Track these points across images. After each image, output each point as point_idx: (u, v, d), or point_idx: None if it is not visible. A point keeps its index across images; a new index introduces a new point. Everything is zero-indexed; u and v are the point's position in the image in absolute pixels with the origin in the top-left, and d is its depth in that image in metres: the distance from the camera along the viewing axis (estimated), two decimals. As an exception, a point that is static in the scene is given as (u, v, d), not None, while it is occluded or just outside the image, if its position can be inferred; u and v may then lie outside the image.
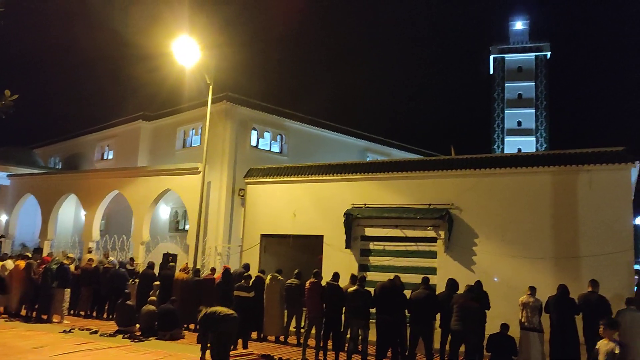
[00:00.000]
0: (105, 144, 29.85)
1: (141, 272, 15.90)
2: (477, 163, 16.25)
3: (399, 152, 29.99)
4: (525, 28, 79.31)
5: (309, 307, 11.42)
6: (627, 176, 14.32)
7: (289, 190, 19.02)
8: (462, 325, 9.93)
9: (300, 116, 25.23)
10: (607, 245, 13.75)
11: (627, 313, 9.76)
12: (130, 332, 12.70)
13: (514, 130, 75.55)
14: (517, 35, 78.98)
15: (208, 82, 18.02)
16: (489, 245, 15.23)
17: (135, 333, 12.66)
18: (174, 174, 22.01)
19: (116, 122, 28.78)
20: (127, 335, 12.44)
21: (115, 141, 28.81)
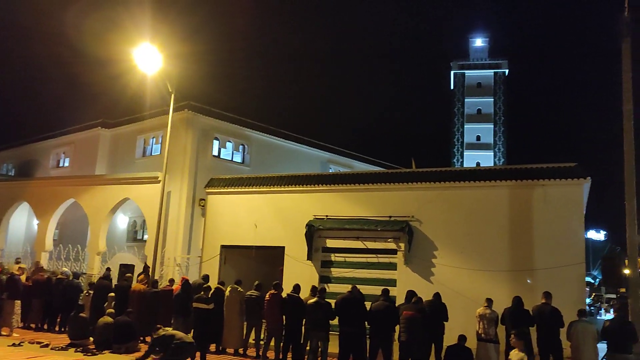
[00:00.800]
0: (61, 150, 29.01)
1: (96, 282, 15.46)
2: (438, 176, 16.53)
3: (361, 165, 30.23)
4: (484, 45, 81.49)
5: (269, 318, 11.35)
6: (580, 191, 14.82)
7: (251, 201, 18.90)
8: (407, 336, 10.02)
9: (263, 126, 25.17)
10: (560, 258, 14.16)
11: (579, 324, 10.06)
12: (83, 345, 12.30)
13: (473, 145, 77.25)
14: (477, 52, 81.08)
15: (170, 90, 17.80)
16: (448, 257, 15.47)
17: (88, 347, 12.28)
18: (133, 182, 21.57)
19: (74, 129, 28.04)
20: (80, 349, 12.05)
21: (72, 148, 28.03)
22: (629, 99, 12.39)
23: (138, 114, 24.62)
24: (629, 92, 12.42)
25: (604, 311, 32.40)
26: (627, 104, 12.38)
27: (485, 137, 77.24)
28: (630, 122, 12.27)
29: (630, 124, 12.26)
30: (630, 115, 12.31)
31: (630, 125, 12.26)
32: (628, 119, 12.29)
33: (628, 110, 12.36)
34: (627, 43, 12.42)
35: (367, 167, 29.97)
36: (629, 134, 12.29)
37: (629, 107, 12.36)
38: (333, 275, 16.90)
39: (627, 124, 12.27)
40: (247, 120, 24.58)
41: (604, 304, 35.07)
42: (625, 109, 12.38)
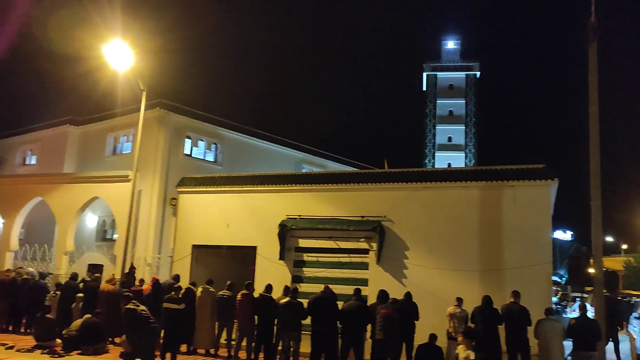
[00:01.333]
0: (27, 148, 28.28)
1: (63, 283, 15.14)
2: (410, 177, 16.68)
3: (335, 165, 30.28)
4: (456, 47, 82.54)
5: (240, 319, 11.29)
6: (547, 192, 15.14)
7: (223, 200, 18.77)
8: (384, 335, 10.10)
9: (236, 125, 24.99)
10: (528, 258, 14.44)
11: (546, 322, 10.27)
12: (49, 347, 12.03)
13: (444, 146, 78.17)
14: (449, 54, 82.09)
15: (142, 87, 17.54)
16: (419, 257, 15.62)
17: (55, 348, 12.01)
18: (103, 181, 21.19)
19: (41, 126, 27.35)
20: (46, 351, 11.78)
21: (39, 145, 27.36)
22: (594, 102, 12.68)
23: (109, 111, 24.20)
24: (594, 94, 12.70)
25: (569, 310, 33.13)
26: (593, 106, 12.66)
27: (457, 139, 78.24)
28: (595, 123, 12.56)
29: (595, 126, 12.55)
30: (595, 117, 12.60)
31: (595, 127, 12.55)
32: (594, 121, 12.58)
33: (593, 112, 12.64)
34: (593, 47, 12.70)
35: (341, 167, 30.04)
36: (594, 135, 12.57)
37: (594, 109, 12.64)
38: (305, 275, 16.90)
39: (593, 125, 12.55)
40: (219, 119, 24.38)
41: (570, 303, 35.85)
42: (591, 111, 12.66)
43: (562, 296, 40.42)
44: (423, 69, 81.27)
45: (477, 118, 78.92)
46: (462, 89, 79.28)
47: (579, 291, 37.37)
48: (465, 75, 79.64)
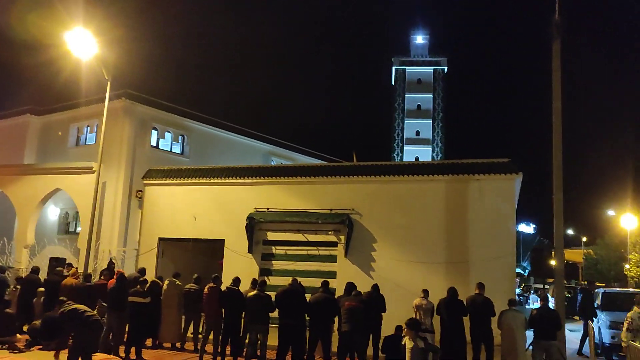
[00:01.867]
0: (-15, 138, 27.36)
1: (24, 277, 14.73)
2: (378, 170, 16.78)
3: (303, 157, 30.26)
4: (425, 42, 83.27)
5: (207, 312, 11.18)
6: (512, 186, 15.44)
7: (190, 193, 18.54)
8: (349, 326, 10.16)
9: (204, 117, 24.70)
10: (493, 251, 14.72)
11: (509, 313, 10.49)
12: (9, 342, 11.69)
13: (412, 140, 78.94)
14: (418, 49, 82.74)
15: (106, 77, 17.15)
16: (387, 249, 15.76)
17: (15, 343, 11.69)
18: (66, 172, 20.69)
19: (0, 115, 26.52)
20: (5, 346, 11.45)
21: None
22: (557, 97, 12.96)
23: (72, 101, 23.59)
24: (558, 90, 12.98)
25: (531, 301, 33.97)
26: (556, 101, 12.94)
27: (425, 133, 79.08)
28: (558, 119, 12.84)
29: (558, 121, 12.83)
30: (558, 112, 12.88)
31: (558, 122, 12.83)
32: (557, 116, 12.86)
33: (557, 107, 12.92)
34: (557, 44, 12.97)
35: (309, 160, 30.04)
36: (557, 130, 12.85)
37: (557, 104, 12.92)
38: (274, 267, 16.87)
39: (556, 120, 12.83)
40: (187, 110, 24.06)
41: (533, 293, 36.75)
42: (555, 107, 12.93)
43: (525, 288, 41.47)
44: (392, 63, 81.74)
45: (444, 112, 79.92)
46: (430, 83, 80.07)
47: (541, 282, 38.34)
48: (433, 70, 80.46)
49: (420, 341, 6.57)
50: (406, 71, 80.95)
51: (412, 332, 6.82)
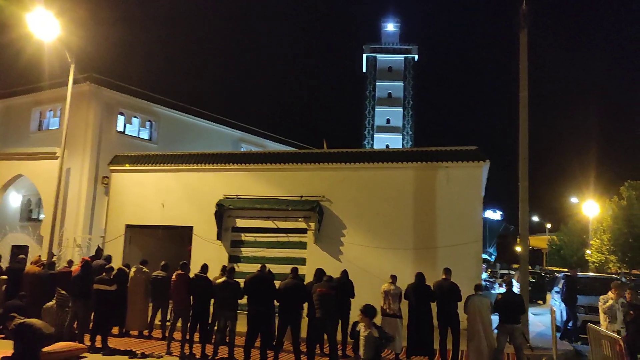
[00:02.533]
0: (-57, 122, 26.36)
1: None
2: (348, 157, 16.81)
3: (274, 144, 30.09)
4: (396, 30, 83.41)
5: (175, 299, 11.07)
6: (479, 173, 15.68)
7: (158, 180, 18.27)
8: (321, 313, 10.21)
9: (172, 102, 24.28)
10: (460, 237, 14.96)
11: (475, 297, 10.67)
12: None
13: (383, 128, 79.29)
14: (389, 37, 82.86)
15: (69, 60, 16.68)
16: (356, 236, 15.85)
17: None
18: (27, 158, 20.12)
19: (-42, 98, 25.54)
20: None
21: (-43, 120, 25.56)
22: (524, 87, 13.17)
23: (34, 84, 22.85)
24: (524, 80, 13.20)
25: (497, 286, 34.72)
26: (523, 90, 13.16)
27: (395, 121, 79.50)
28: (525, 107, 13.06)
29: (525, 110, 13.06)
30: (525, 101, 13.10)
31: (525, 111, 13.05)
32: (523, 105, 13.08)
33: (523, 96, 13.14)
34: (524, 34, 13.15)
35: (280, 146, 29.91)
36: (523, 119, 13.08)
37: (524, 93, 13.14)
38: (243, 254, 16.80)
39: (523, 109, 13.06)
40: (155, 95, 23.59)
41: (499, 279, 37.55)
42: (521, 96, 13.15)
43: (491, 273, 42.31)
44: (363, 50, 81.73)
45: (414, 101, 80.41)
46: (400, 71, 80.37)
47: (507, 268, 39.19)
48: (404, 58, 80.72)
49: (375, 330, 6.31)
50: (377, 59, 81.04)
51: (366, 319, 6.54)
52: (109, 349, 10.56)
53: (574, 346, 13.43)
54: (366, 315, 6.43)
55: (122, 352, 10.50)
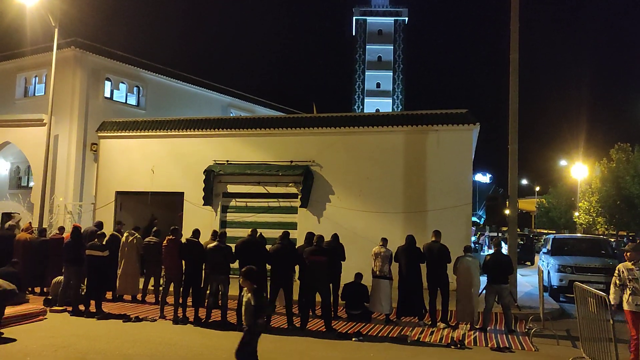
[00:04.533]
0: None
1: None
2: (338, 121, 16.75)
3: (263, 109, 29.86)
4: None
5: (167, 264, 11.14)
6: (469, 136, 15.70)
7: (147, 146, 18.14)
8: (313, 279, 10.35)
9: (160, 67, 23.89)
10: (450, 200, 15.08)
11: (464, 259, 10.85)
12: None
13: (373, 92, 78.91)
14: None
15: (53, 24, 16.31)
16: (347, 200, 15.93)
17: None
18: (14, 125, 19.86)
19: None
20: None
21: (-60, 87, 25.04)
22: (515, 49, 13.09)
23: (16, 49, 22.37)
24: (515, 42, 13.10)
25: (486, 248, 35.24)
26: (514, 53, 13.08)
27: (385, 85, 79.09)
28: (515, 70, 13.01)
29: (515, 72, 13.01)
30: (516, 63, 13.04)
31: (515, 73, 13.01)
32: (514, 67, 13.02)
33: (514, 59, 13.07)
34: (516, -6, 13.00)
35: (269, 112, 29.69)
36: (514, 81, 13.04)
37: (515, 55, 13.07)
38: (234, 220, 16.86)
39: (513, 71, 13.00)
40: (142, 60, 23.18)
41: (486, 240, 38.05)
42: (512, 58, 13.08)
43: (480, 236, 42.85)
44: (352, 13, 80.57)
45: (405, 64, 79.86)
46: (390, 35, 79.57)
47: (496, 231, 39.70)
48: (394, 20, 79.82)
49: (253, 296, 6.02)
50: (367, 22, 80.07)
51: (247, 282, 6.21)
52: (103, 313, 10.67)
53: (560, 305, 13.76)
54: (246, 279, 6.15)
55: (116, 317, 10.61)
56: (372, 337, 9.66)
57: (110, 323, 10.24)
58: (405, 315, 11.06)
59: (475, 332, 10.25)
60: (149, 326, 10.18)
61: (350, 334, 9.71)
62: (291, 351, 8.58)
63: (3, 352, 7.87)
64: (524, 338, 9.82)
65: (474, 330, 10.37)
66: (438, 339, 9.65)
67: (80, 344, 8.49)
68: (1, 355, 7.72)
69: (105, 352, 8.11)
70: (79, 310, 10.87)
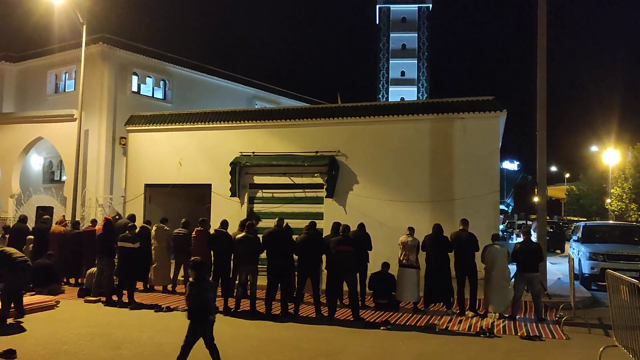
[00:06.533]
0: (-39, 87, 26.58)
1: (11, 226, 14.76)
2: (363, 111, 16.69)
3: (287, 100, 29.94)
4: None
5: (196, 255, 11.31)
6: (496, 123, 15.49)
7: (174, 138, 18.38)
8: (341, 269, 10.41)
9: (185, 60, 24.14)
10: (477, 188, 14.93)
11: (492, 248, 10.77)
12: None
13: (397, 80, 78.20)
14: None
15: (81, 21, 16.60)
16: (373, 190, 15.91)
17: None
18: (46, 121, 20.34)
19: (-27, 63, 25.64)
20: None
21: (-26, 84, 25.74)
22: (543, 33, 12.85)
23: (46, 46, 22.86)
24: (543, 26, 12.86)
25: (515, 236, 34.83)
26: (542, 37, 12.84)
27: (410, 73, 78.31)
28: (544, 54, 12.77)
29: (543, 57, 12.77)
30: (543, 48, 12.80)
31: (543, 58, 12.77)
32: (542, 52, 12.79)
33: (542, 43, 12.83)
34: (544, -22, 12.74)
35: (293, 102, 29.75)
36: (542, 66, 12.81)
37: (543, 40, 12.83)
38: (261, 210, 16.98)
39: (541, 56, 12.77)
40: (167, 54, 23.47)
41: (516, 230, 37.65)
42: (540, 43, 12.84)
43: (508, 224, 42.38)
44: (376, 1, 79.82)
45: (429, 52, 78.93)
46: (414, 22, 78.61)
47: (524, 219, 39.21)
48: (418, 7, 78.81)
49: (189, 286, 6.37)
50: (390, 9, 79.24)
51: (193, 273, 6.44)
52: (136, 304, 10.92)
53: (591, 293, 13.56)
54: (194, 270, 6.40)
55: (148, 307, 10.85)
56: (400, 326, 9.68)
57: (143, 313, 10.49)
58: (432, 303, 11.06)
59: (504, 320, 10.18)
60: (180, 316, 10.34)
61: (378, 323, 9.75)
62: (320, 340, 8.67)
63: (42, 341, 8.14)
64: (555, 326, 9.72)
65: (503, 318, 10.30)
66: (467, 327, 9.63)
67: (115, 333, 8.72)
68: (40, 344, 7.98)
69: (139, 341, 8.32)
70: (112, 300, 11.15)
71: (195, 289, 6.27)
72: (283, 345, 8.30)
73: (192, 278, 6.39)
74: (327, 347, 8.24)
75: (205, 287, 6.42)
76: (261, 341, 8.56)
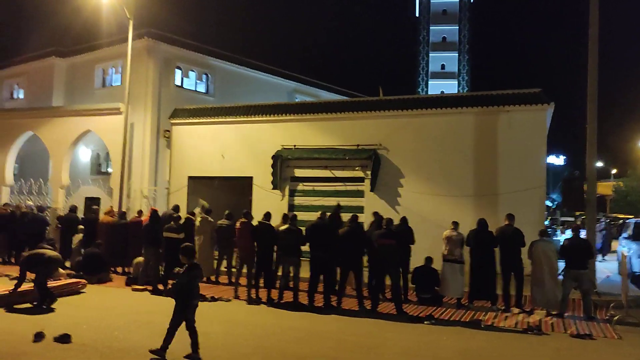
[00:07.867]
0: (14, 81, 27.57)
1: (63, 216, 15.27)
2: (405, 104, 16.53)
3: (328, 94, 29.88)
4: (451, -29, 79.72)
5: (240, 246, 11.47)
6: (543, 117, 15.10)
7: (217, 132, 18.63)
8: (384, 263, 10.37)
9: (227, 55, 24.39)
10: (522, 183, 14.60)
11: (539, 243, 10.53)
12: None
13: (437, 74, 77.18)
14: (443, -22, 79.37)
15: (128, 16, 16.96)
16: (415, 183, 15.77)
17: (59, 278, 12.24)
18: (94, 114, 20.89)
19: (26, 58, 26.52)
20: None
21: (26, 79, 26.64)
22: (594, 22, 12.42)
23: (94, 41, 23.45)
24: (595, 15, 12.43)
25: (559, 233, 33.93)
26: (593, 27, 12.42)
27: (450, 66, 77.16)
28: (595, 45, 12.36)
29: (595, 47, 12.36)
30: (595, 38, 12.38)
31: (595, 48, 12.36)
32: (593, 42, 12.37)
33: (593, 33, 12.41)
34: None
35: (334, 96, 29.67)
36: (593, 57, 12.40)
37: (594, 30, 12.40)
38: (302, 203, 17.07)
39: (592, 46, 12.36)
40: (210, 48, 23.76)
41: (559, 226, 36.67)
42: (591, 32, 12.43)
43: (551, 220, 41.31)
44: (416, -7, 78.85)
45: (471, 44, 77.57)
46: (455, 14, 77.34)
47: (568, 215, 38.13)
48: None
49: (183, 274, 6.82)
50: (430, 2, 78.13)
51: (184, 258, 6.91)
52: (181, 293, 11.12)
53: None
54: (183, 255, 6.83)
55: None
56: (443, 321, 9.58)
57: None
58: (477, 299, 10.89)
59: (552, 318, 9.94)
60: (224, 306, 10.55)
61: (421, 317, 9.68)
62: (362, 333, 8.66)
63: (92, 326, 8.40)
64: (605, 325, 9.44)
65: (551, 316, 10.06)
66: (513, 324, 9.44)
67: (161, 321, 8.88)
68: (90, 328, 8.24)
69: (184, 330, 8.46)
70: (158, 289, 11.40)
71: (187, 275, 6.68)
72: (325, 338, 8.33)
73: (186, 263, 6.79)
74: (370, 341, 8.22)
75: (196, 275, 6.85)
76: (304, 332, 8.61)
